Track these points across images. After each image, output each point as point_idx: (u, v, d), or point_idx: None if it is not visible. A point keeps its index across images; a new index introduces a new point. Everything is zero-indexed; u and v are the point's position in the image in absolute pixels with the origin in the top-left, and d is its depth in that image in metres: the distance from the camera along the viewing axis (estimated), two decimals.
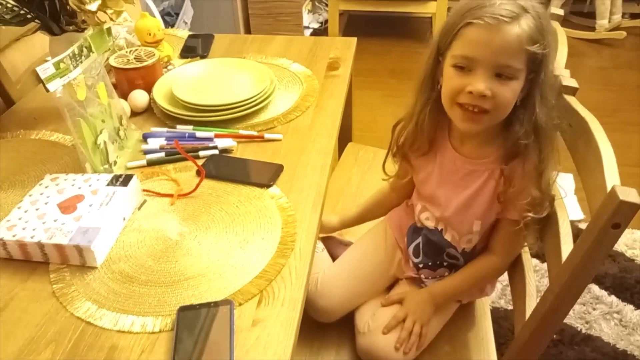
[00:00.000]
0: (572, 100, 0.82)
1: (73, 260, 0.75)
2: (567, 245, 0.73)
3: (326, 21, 2.96)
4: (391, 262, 1.00)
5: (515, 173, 0.80)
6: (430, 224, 0.93)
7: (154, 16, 1.67)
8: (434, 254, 0.94)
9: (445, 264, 0.94)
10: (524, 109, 0.77)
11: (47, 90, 0.79)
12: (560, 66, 0.88)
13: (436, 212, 0.91)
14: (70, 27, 0.99)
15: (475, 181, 0.84)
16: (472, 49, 0.74)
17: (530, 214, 0.79)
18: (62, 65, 0.81)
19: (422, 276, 0.96)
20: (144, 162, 0.95)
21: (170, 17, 2.48)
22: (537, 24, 0.72)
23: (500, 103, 0.75)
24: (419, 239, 0.95)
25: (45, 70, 0.79)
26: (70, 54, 0.83)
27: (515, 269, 0.92)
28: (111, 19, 0.97)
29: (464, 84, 0.75)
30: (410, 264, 0.98)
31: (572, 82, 0.84)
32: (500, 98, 0.75)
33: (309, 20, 3.03)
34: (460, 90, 0.76)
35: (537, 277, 1.48)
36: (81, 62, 0.85)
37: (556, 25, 1.02)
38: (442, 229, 0.91)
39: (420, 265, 0.96)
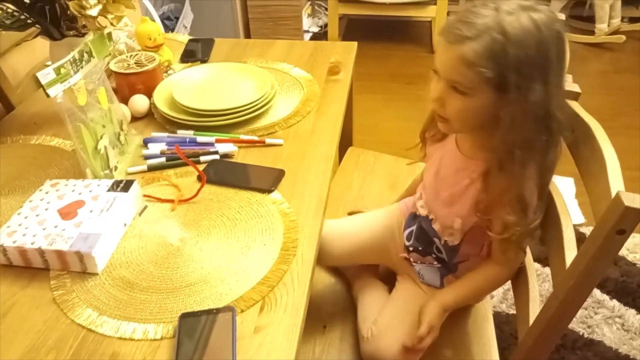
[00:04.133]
0: (574, 105, 0.82)
1: (74, 267, 0.75)
2: (571, 251, 0.73)
3: (326, 25, 2.96)
4: (391, 236, 1.02)
5: (494, 187, 0.80)
6: (423, 211, 0.95)
7: (154, 20, 1.67)
8: (424, 241, 0.96)
9: (433, 255, 0.95)
10: (502, 127, 0.76)
11: (48, 96, 0.79)
12: None
13: (428, 200, 0.94)
14: (71, 32, 0.99)
15: (463, 180, 0.85)
16: (436, 60, 0.78)
17: (517, 228, 0.79)
18: (62, 70, 0.81)
19: (412, 259, 0.98)
20: (144, 167, 0.94)
21: (170, 22, 2.48)
22: (488, 49, 0.71)
23: (452, 113, 0.78)
24: (414, 226, 0.98)
25: (46, 75, 0.78)
26: (71, 59, 0.82)
27: (517, 273, 0.92)
28: (112, 24, 0.97)
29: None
30: (403, 246, 1.00)
31: (575, 87, 0.84)
32: (450, 108, 0.77)
33: (309, 24, 3.03)
34: None
35: (538, 282, 1.47)
36: (82, 67, 0.85)
37: None
38: (432, 219, 0.93)
39: (411, 249, 0.98)
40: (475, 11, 0.73)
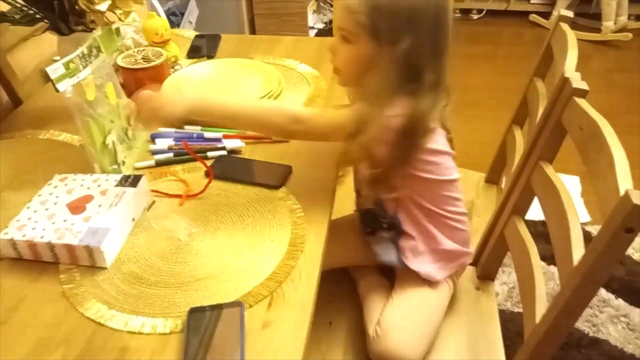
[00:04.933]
0: (582, 102, 0.82)
1: (83, 261, 0.75)
2: (578, 249, 0.73)
3: (331, 21, 2.96)
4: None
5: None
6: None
7: (160, 16, 1.67)
8: (369, 219, 0.98)
9: (384, 226, 0.95)
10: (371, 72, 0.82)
11: (57, 90, 0.79)
12: (570, 69, 0.88)
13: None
14: (79, 27, 0.99)
15: None
16: None
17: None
18: (71, 65, 0.81)
19: (373, 244, 0.98)
20: (152, 162, 0.95)
21: (175, 17, 2.48)
22: (369, 0, 0.78)
23: (341, 63, 0.87)
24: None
25: (55, 70, 0.79)
26: (80, 54, 0.83)
27: (524, 271, 0.92)
28: (120, 19, 0.97)
29: None
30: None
31: (583, 85, 0.84)
32: (339, 57, 0.87)
33: (314, 21, 3.02)
34: None
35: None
36: (90, 62, 0.85)
37: (565, 27, 1.02)
38: (358, 191, 0.99)
39: (367, 230, 0.99)
40: None
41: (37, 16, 0.95)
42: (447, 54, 0.84)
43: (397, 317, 0.92)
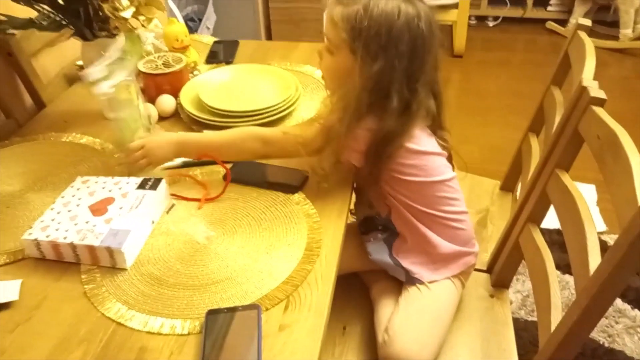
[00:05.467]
0: (600, 111, 0.82)
1: (104, 262, 0.77)
2: (594, 258, 0.73)
3: None
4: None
5: None
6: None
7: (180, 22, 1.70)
8: (362, 220, 1.01)
9: (379, 227, 0.98)
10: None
11: (94, 93, 0.82)
12: (588, 77, 0.88)
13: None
14: (103, 33, 1.02)
15: None
16: None
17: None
18: (108, 68, 0.84)
19: (366, 241, 1.00)
20: (180, 162, 0.96)
21: (193, 23, 2.51)
22: (350, 16, 0.81)
23: (324, 69, 0.92)
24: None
25: (92, 72, 0.81)
26: (115, 58, 0.85)
27: (539, 279, 0.91)
28: (143, 26, 0.99)
29: None
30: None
31: (600, 94, 0.84)
32: (323, 64, 0.91)
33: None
34: None
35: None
36: (124, 66, 0.88)
37: (583, 36, 1.02)
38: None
39: (362, 230, 1.02)
40: None
41: (63, 22, 0.97)
42: (425, 80, 0.86)
43: (404, 321, 0.92)
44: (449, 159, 0.97)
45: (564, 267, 1.48)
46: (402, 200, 0.92)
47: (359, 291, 1.07)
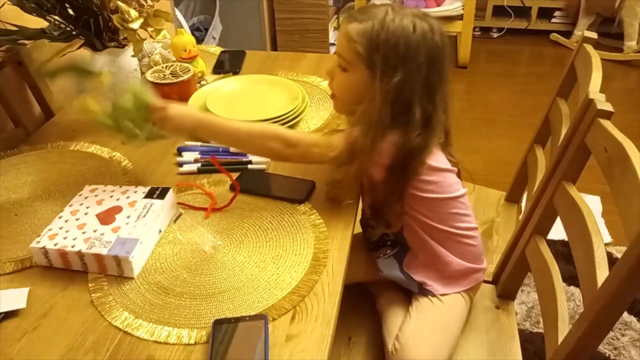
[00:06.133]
0: (607, 124, 0.82)
1: (111, 270, 0.77)
2: (602, 271, 0.72)
3: None
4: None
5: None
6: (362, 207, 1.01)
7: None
8: (370, 236, 1.01)
9: (388, 243, 0.98)
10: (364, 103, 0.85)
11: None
12: (595, 90, 0.88)
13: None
14: (112, 44, 1.03)
15: None
16: None
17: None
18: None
19: (375, 257, 1.01)
20: (195, 168, 0.98)
21: (199, 33, 2.53)
22: (366, 31, 0.82)
23: (337, 88, 0.91)
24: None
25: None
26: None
27: (545, 292, 0.91)
28: (151, 37, 1.00)
29: None
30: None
31: (607, 106, 0.84)
32: (336, 82, 0.90)
33: (335, 37, 3.06)
34: None
35: None
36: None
37: (590, 49, 1.03)
38: (363, 209, 1.00)
39: (369, 247, 1.03)
40: (375, 5, 0.85)
41: (74, 33, 0.98)
42: (442, 92, 0.86)
43: (415, 331, 0.92)
44: (458, 174, 0.97)
45: (568, 278, 1.47)
46: (417, 217, 0.92)
47: (364, 301, 1.06)
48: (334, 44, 3.01)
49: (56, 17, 0.96)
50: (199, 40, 2.44)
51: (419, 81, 0.82)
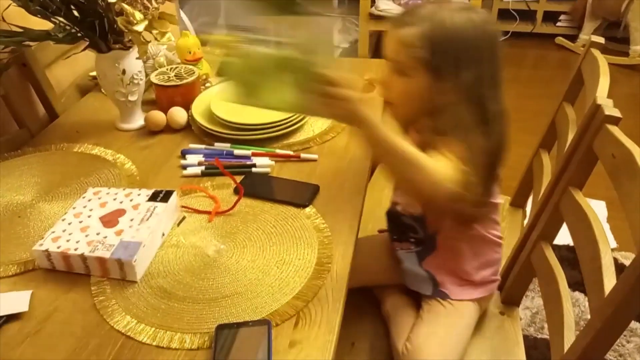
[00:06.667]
0: (614, 130, 0.81)
1: (114, 274, 0.77)
2: (609, 279, 0.72)
3: (356, 41, 2.99)
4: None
5: None
6: (393, 205, 1.00)
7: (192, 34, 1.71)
8: (397, 227, 1.00)
9: (411, 240, 0.97)
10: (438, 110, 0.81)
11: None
12: (602, 95, 0.88)
13: (394, 192, 0.99)
14: (117, 46, 1.03)
15: None
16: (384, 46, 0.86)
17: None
18: None
19: (396, 248, 1.00)
20: (199, 171, 0.97)
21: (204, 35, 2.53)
22: (424, 33, 0.79)
23: (396, 96, 0.86)
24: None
25: None
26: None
27: (551, 298, 0.90)
28: (156, 39, 1.00)
29: None
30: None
31: (615, 112, 0.83)
32: (394, 91, 0.86)
33: (339, 40, 3.06)
34: None
35: None
36: None
37: (597, 53, 1.02)
38: (396, 202, 0.99)
39: (393, 237, 1.01)
40: (422, 5, 0.83)
41: (79, 35, 0.98)
42: (501, 81, 0.84)
43: (428, 334, 0.92)
44: None
45: (573, 284, 1.46)
46: (467, 220, 0.91)
47: (367, 307, 1.06)
48: (338, 47, 3.00)
49: (61, 19, 0.95)
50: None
51: (487, 74, 0.81)
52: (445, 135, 0.79)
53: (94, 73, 1.25)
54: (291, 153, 1.01)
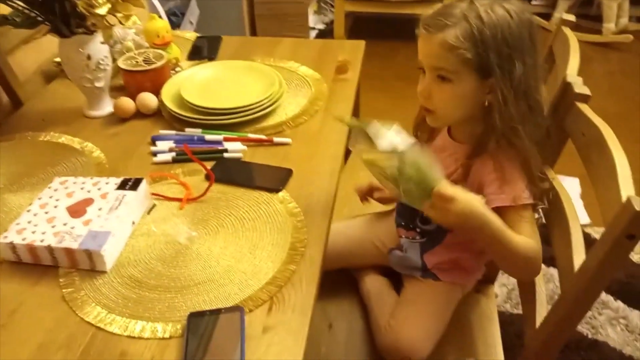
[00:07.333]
0: (584, 108, 0.82)
1: (82, 265, 0.75)
2: (578, 254, 0.73)
3: (331, 22, 2.95)
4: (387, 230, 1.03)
5: (475, 171, 0.83)
6: None
7: (161, 17, 1.67)
8: (406, 215, 0.97)
9: (417, 230, 0.95)
10: (491, 110, 0.79)
11: None
12: (572, 74, 0.88)
13: None
14: (80, 30, 0.99)
15: (450, 165, 0.86)
16: (419, 54, 0.82)
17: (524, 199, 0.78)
18: None
19: (401, 235, 0.99)
20: (169, 157, 0.95)
21: (176, 17, 2.47)
22: (467, 33, 0.76)
23: (439, 103, 0.82)
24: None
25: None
26: None
27: None
28: (120, 23, 0.97)
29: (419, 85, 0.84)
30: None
31: (585, 90, 0.84)
32: (437, 99, 0.81)
33: (315, 22, 3.02)
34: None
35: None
36: None
37: (568, 31, 1.02)
38: None
39: (397, 225, 0.99)
40: (452, 4, 0.79)
41: (39, 19, 0.94)
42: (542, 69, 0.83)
43: (411, 311, 0.93)
44: None
45: (547, 260, 1.49)
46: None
47: (344, 288, 1.06)
48: (313, 28, 2.97)
49: (19, 2, 0.92)
50: (176, 25, 2.38)
51: (532, 64, 0.78)
52: (495, 133, 0.78)
53: (58, 59, 1.21)
54: (264, 137, 1.00)
